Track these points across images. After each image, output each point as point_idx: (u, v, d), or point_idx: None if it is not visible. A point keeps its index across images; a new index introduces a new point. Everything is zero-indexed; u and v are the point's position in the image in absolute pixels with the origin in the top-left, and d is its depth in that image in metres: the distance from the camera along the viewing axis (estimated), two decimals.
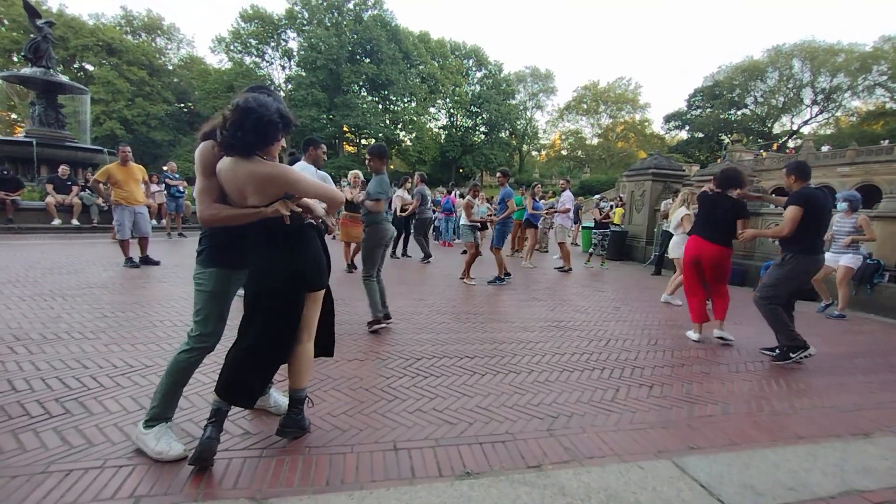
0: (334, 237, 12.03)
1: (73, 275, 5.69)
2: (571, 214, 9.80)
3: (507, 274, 7.02)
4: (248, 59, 44.75)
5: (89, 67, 40.12)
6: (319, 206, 2.09)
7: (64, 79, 14.88)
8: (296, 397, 2.17)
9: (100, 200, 10.59)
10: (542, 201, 9.93)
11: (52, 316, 3.92)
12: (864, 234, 5.62)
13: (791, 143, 47.82)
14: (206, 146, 1.92)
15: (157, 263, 6.74)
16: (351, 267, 7.32)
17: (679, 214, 6.08)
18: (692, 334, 4.35)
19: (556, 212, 9.30)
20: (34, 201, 10.65)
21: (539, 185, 10.03)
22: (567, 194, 9.46)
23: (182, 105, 46.64)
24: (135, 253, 6.61)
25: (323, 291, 2.20)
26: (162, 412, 2.03)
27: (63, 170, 10.86)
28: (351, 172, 7.68)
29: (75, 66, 40.31)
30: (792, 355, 3.65)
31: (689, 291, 4.43)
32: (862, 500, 1.94)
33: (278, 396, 2.48)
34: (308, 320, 2.14)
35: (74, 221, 10.58)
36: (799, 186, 3.71)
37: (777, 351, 3.79)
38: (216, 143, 1.87)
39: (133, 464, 1.90)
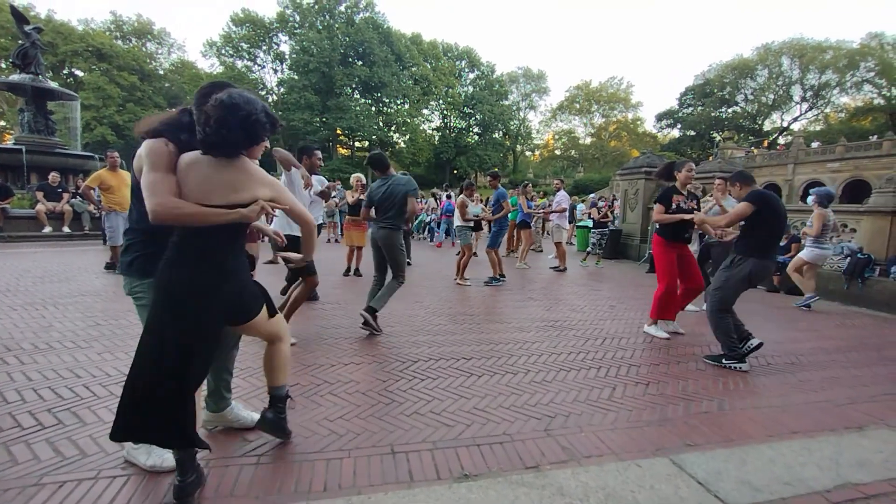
0: (336, 241, 12.02)
1: (64, 283, 5.63)
2: (567, 214, 9.82)
3: (502, 275, 7.03)
4: (239, 63, 44.65)
5: (79, 73, 39.82)
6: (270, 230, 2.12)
7: (53, 85, 14.74)
8: (273, 395, 2.11)
9: (91, 207, 10.48)
10: (533, 202, 9.92)
11: (43, 325, 3.88)
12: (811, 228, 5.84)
13: (781, 140, 48.25)
14: (158, 143, 1.75)
15: None
16: (356, 272, 7.22)
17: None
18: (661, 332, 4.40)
19: (552, 212, 9.29)
20: (24, 209, 10.53)
21: (530, 186, 10.02)
22: (562, 194, 9.47)
23: (173, 110, 46.39)
24: (92, 259, 6.57)
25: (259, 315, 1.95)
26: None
27: (53, 177, 10.75)
28: (353, 176, 7.62)
29: (65, 71, 39.97)
30: (724, 361, 3.54)
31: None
32: (857, 493, 1.96)
33: (240, 411, 2.32)
34: (270, 328, 2.02)
35: (66, 229, 10.47)
36: (747, 191, 3.62)
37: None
38: (171, 140, 1.76)
39: (127, 474, 1.89)
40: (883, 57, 41.94)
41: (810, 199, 5.96)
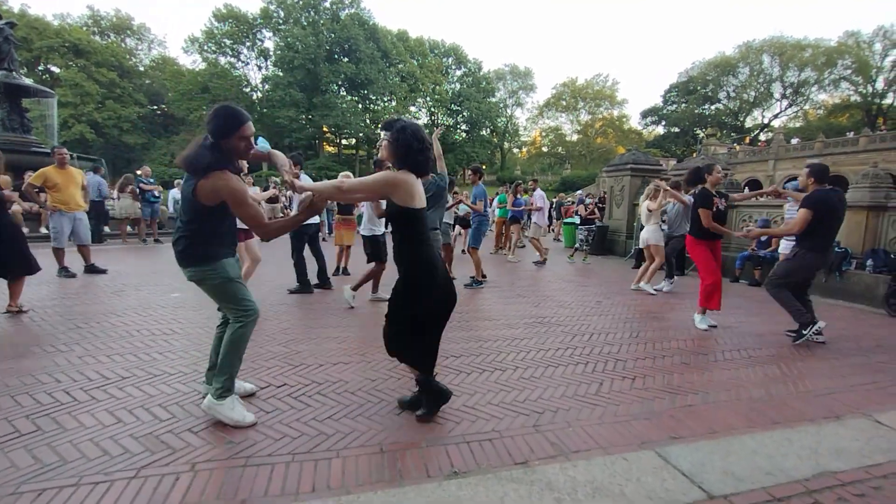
0: (324, 239, 11.93)
1: (43, 286, 5.49)
2: (545, 212, 9.95)
3: (484, 276, 7.01)
4: (222, 60, 43.84)
5: (55, 69, 38.74)
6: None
7: (28, 81, 14.34)
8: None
9: (35, 207, 10.11)
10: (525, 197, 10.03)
11: (20, 329, 3.77)
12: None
13: (763, 136, 49.24)
14: (231, 177, 2.19)
15: (103, 272, 6.39)
16: (344, 271, 7.21)
17: (644, 207, 6.72)
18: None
19: (537, 209, 9.41)
20: None
21: (521, 183, 10.14)
22: (538, 192, 9.59)
23: (155, 107, 45.42)
24: (74, 262, 6.30)
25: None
26: (231, 384, 2.34)
27: (28, 176, 10.44)
28: (342, 174, 7.54)
29: (40, 68, 38.85)
30: (804, 332, 3.95)
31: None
32: (835, 481, 2.01)
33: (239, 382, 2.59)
34: None
35: (43, 230, 10.18)
36: (815, 188, 3.95)
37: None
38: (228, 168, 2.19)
39: (110, 480, 1.85)
40: (859, 55, 43.08)
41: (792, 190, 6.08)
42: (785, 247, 6.16)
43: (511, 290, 6.31)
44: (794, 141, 35.88)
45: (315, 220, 6.03)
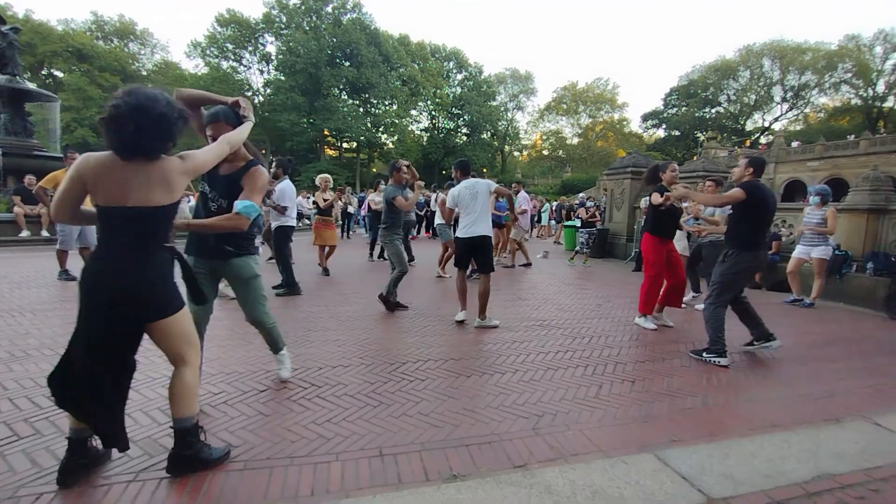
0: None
1: (43, 289, 5.50)
2: (528, 215, 9.95)
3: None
4: (225, 64, 43.98)
5: (59, 74, 38.92)
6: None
7: (31, 86, 14.43)
8: (177, 428, 1.89)
9: (35, 210, 10.09)
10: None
11: (20, 332, 3.78)
12: (826, 227, 5.80)
13: (763, 140, 49.26)
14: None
15: None
16: (325, 272, 7.35)
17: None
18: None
19: (522, 212, 9.37)
20: (1, 213, 10.26)
21: (502, 186, 10.13)
22: (522, 195, 9.54)
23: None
24: (77, 265, 6.31)
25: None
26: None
27: (29, 180, 10.44)
28: (320, 176, 7.64)
29: (43, 72, 39.04)
30: (705, 354, 3.62)
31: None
32: (834, 483, 2.01)
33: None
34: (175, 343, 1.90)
35: (44, 233, 10.21)
36: (748, 179, 3.73)
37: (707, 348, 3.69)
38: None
39: (109, 483, 1.85)
40: (860, 58, 43.14)
41: (816, 198, 5.90)
42: (824, 251, 5.89)
43: (511, 293, 6.31)
44: (795, 144, 35.88)
45: (293, 222, 6.11)
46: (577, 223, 10.08)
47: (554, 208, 18.96)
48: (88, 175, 1.71)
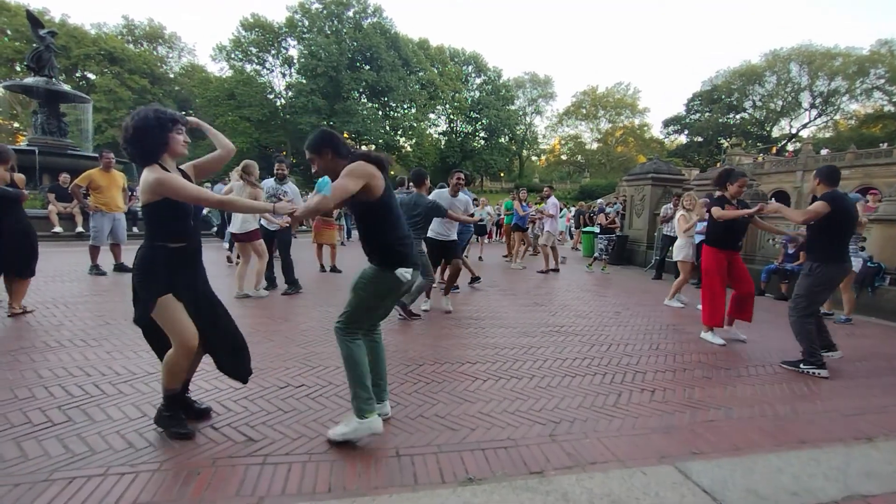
0: (343, 243, 12.23)
1: (75, 283, 5.71)
2: (557, 220, 9.95)
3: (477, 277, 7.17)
4: (248, 67, 45.08)
5: (91, 76, 40.45)
6: None
7: (66, 88, 15.00)
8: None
9: (69, 207, 10.37)
10: (529, 207, 10.05)
11: (54, 323, 3.93)
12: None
13: (790, 147, 47.96)
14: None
15: (130, 270, 6.62)
16: (333, 269, 7.72)
17: (677, 219, 6.44)
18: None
19: (545, 216, 9.40)
20: (36, 209, 10.69)
21: (525, 191, 10.17)
22: (552, 200, 9.57)
23: (183, 112, 46.79)
24: (107, 260, 6.55)
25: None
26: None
27: (64, 178, 10.88)
28: (320, 180, 7.77)
29: (77, 74, 40.61)
30: (802, 366, 3.62)
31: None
32: None
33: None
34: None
35: (79, 229, 10.60)
36: (825, 190, 3.69)
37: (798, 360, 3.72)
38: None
39: (135, 471, 1.91)
40: (893, 64, 41.67)
41: None
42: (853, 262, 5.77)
43: (528, 299, 6.27)
44: (824, 151, 34.85)
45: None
46: (597, 229, 9.98)
47: (572, 215, 18.80)
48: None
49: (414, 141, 48.64)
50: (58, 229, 10.30)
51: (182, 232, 2.18)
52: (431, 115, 52.02)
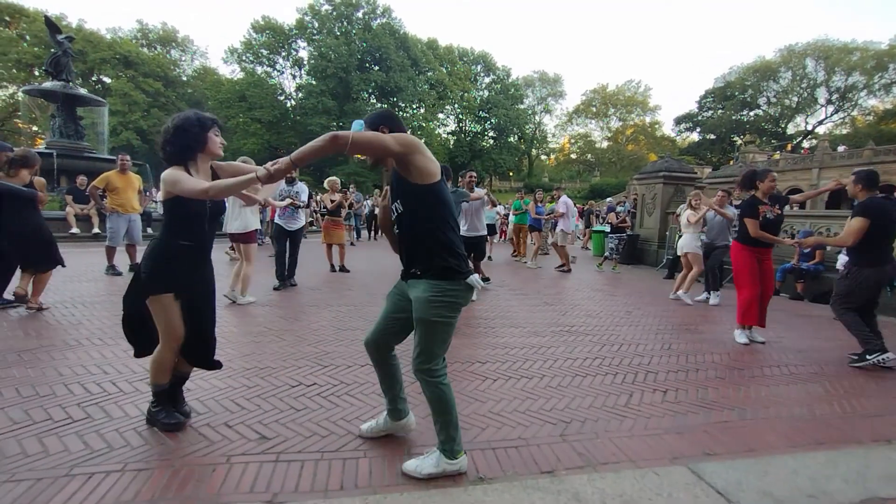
0: (352, 244, 12.34)
1: (92, 282, 5.83)
2: (570, 219, 9.94)
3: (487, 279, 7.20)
4: (259, 69, 45.52)
5: (107, 80, 41.20)
6: None
7: (83, 91, 15.35)
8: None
9: (86, 209, 10.59)
10: (543, 206, 10.09)
11: (73, 322, 4.02)
12: None
13: (806, 144, 47.04)
14: None
15: None
16: (342, 269, 7.84)
17: (684, 217, 6.58)
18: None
19: (557, 216, 9.46)
20: (54, 211, 10.94)
21: (541, 191, 10.21)
22: (563, 199, 9.59)
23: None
24: (122, 260, 6.66)
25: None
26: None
27: (81, 180, 11.13)
28: (329, 179, 7.90)
29: (93, 78, 41.42)
30: (868, 357, 3.66)
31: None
32: None
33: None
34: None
35: (95, 230, 10.82)
36: (865, 196, 3.68)
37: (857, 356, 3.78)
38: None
39: (151, 468, 1.95)
40: None
41: None
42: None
43: (538, 298, 6.25)
44: (841, 148, 34.09)
45: (300, 223, 6.30)
46: (607, 228, 9.92)
47: (582, 213, 18.67)
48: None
49: (423, 141, 48.63)
50: (75, 230, 10.53)
51: (191, 231, 2.23)
52: (440, 115, 52.00)
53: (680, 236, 6.83)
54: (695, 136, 55.24)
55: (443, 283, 1.86)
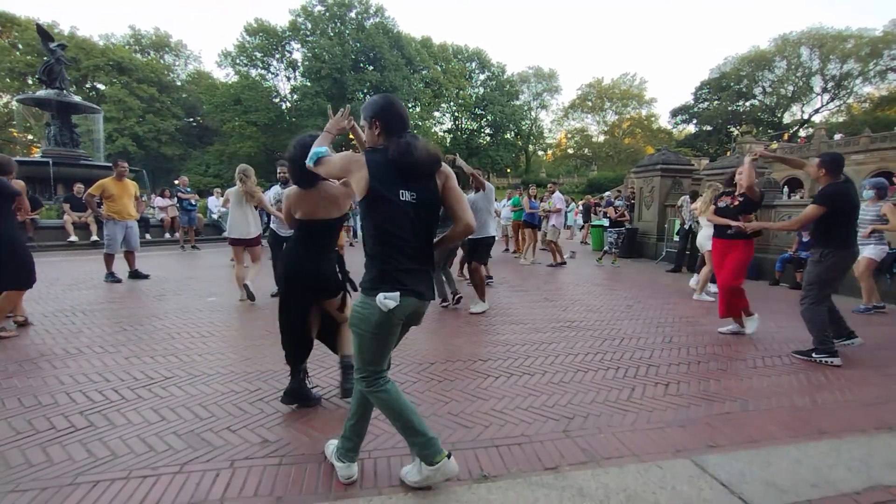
0: (352, 244, 12.32)
1: (91, 290, 5.82)
2: (563, 215, 9.95)
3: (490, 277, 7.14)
4: (253, 72, 45.35)
5: (101, 87, 41.02)
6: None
7: (77, 99, 15.26)
8: (345, 364, 2.64)
9: (83, 217, 10.57)
10: (541, 203, 10.02)
11: (73, 331, 4.02)
12: (888, 223, 5.32)
13: (802, 133, 47.01)
14: None
15: (146, 277, 6.74)
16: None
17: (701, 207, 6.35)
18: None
19: (551, 212, 9.42)
20: (52, 219, 10.93)
21: (534, 187, 10.14)
22: (557, 195, 9.58)
23: (191, 119, 47.42)
24: (121, 267, 6.65)
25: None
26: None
27: (78, 188, 11.10)
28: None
29: (87, 85, 41.24)
30: (814, 355, 3.57)
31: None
32: (888, 495, 1.90)
33: None
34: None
35: (94, 238, 10.82)
36: (827, 181, 3.58)
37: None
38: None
39: (157, 474, 1.95)
40: None
41: (871, 192, 5.44)
42: (876, 251, 5.49)
43: (538, 294, 6.25)
44: (838, 136, 34.04)
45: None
46: (606, 222, 9.92)
47: (580, 209, 18.67)
48: (292, 200, 2.55)
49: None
50: (73, 238, 10.51)
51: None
52: (436, 114, 51.89)
53: (686, 230, 6.63)
54: (691, 128, 55.17)
55: (362, 294, 1.84)
